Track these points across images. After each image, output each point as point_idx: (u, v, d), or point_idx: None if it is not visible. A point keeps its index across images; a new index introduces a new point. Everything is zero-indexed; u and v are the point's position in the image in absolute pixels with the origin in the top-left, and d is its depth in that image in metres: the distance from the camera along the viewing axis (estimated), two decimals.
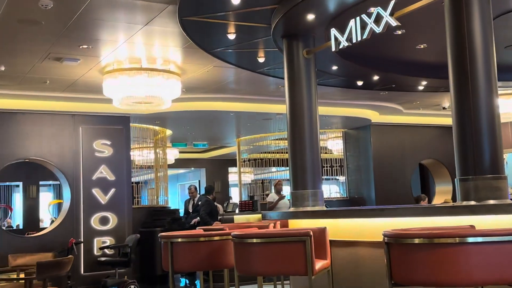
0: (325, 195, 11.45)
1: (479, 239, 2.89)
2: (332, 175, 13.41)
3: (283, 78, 6.19)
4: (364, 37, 5.00)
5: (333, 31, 5.32)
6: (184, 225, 10.58)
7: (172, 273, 4.60)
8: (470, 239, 2.88)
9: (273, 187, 10.72)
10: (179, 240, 4.59)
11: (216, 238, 4.60)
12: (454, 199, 11.45)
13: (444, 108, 11.61)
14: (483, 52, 4.10)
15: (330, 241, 4.44)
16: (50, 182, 17.03)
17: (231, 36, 6.28)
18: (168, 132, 12.14)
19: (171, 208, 11.79)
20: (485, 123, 4.03)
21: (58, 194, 16.62)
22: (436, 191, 13.35)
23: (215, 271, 5.67)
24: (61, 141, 9.46)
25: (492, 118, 4.05)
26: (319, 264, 4.01)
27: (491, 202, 3.85)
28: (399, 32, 6.37)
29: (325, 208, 5.80)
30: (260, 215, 8.02)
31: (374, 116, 11.98)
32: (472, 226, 3.46)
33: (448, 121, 9.57)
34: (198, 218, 10.04)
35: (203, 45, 6.76)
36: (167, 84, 7.76)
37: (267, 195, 15.04)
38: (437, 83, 8.77)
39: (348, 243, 4.77)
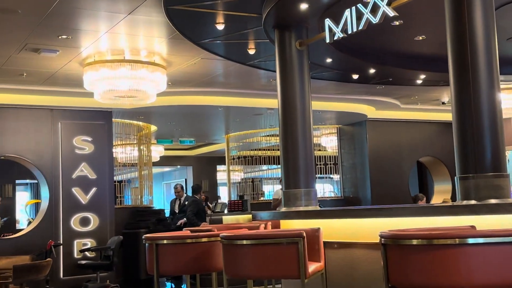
0: (319, 195, 11.48)
1: (480, 240, 2.90)
2: (326, 174, 13.46)
3: (274, 71, 6.18)
4: (360, 28, 5.01)
5: (328, 22, 5.32)
6: (170, 226, 10.57)
7: (157, 276, 4.59)
8: (471, 240, 2.90)
9: (279, 182, 10.73)
10: (165, 241, 4.59)
11: (204, 239, 4.60)
12: (453, 198, 11.53)
13: (443, 103, 11.67)
14: (484, 44, 4.12)
15: (324, 242, 4.45)
16: (27, 181, 16.91)
17: (220, 27, 6.27)
18: (153, 128, 12.11)
19: (156, 208, 11.76)
20: (486, 119, 4.06)
21: (36, 194, 16.51)
22: (434, 190, 13.43)
23: (202, 274, 5.67)
24: (38, 137, 9.40)
25: (493, 114, 4.08)
26: (312, 267, 4.02)
27: (493, 201, 3.87)
28: (397, 23, 6.38)
29: (318, 208, 5.82)
30: (250, 216, 8.03)
31: (370, 112, 12.02)
32: (473, 227, 3.48)
33: (447, 116, 9.65)
34: (185, 218, 10.03)
35: (190, 36, 6.74)
36: (152, 77, 7.73)
37: (262, 194, 15.06)
38: (436, 76, 8.82)
39: (342, 244, 4.79)
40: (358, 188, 12.58)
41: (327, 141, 13.49)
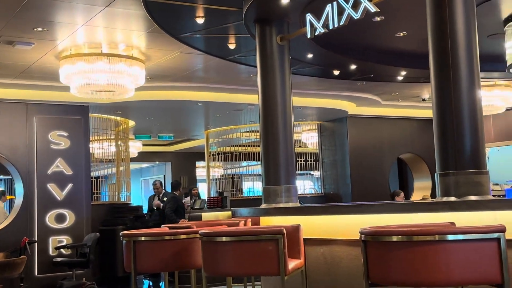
0: (299, 191, 11.51)
1: (460, 237, 2.94)
2: (306, 170, 13.50)
3: (255, 66, 6.18)
4: (342, 23, 5.03)
5: (309, 17, 5.33)
6: (148, 223, 10.53)
7: (135, 274, 4.56)
8: (450, 237, 2.93)
9: None
10: (142, 238, 4.56)
11: (183, 236, 4.58)
12: (433, 195, 11.66)
13: (424, 99, 11.78)
14: (465, 41, 4.16)
15: (304, 239, 4.47)
16: (1, 177, 16.71)
17: (200, 20, 6.24)
18: (131, 123, 12.02)
19: (134, 204, 11.69)
20: (466, 116, 4.10)
21: (10, 190, 16.31)
22: (414, 187, 13.57)
23: (181, 272, 5.66)
24: (13, 132, 9.27)
25: (474, 111, 4.12)
26: (292, 264, 4.03)
27: (472, 198, 3.92)
28: (378, 19, 6.42)
29: (299, 205, 5.84)
30: (229, 212, 8.02)
31: (351, 108, 12.09)
32: (453, 223, 3.52)
33: (428, 113, 9.76)
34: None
35: (169, 30, 6.69)
36: (130, 71, 7.67)
37: (240, 191, 15.06)
38: (417, 73, 8.89)
39: (323, 241, 4.81)
40: (339, 185, 12.65)
41: (308, 138, 13.53)
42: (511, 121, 12.24)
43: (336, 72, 8.90)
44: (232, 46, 7.29)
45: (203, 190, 16.13)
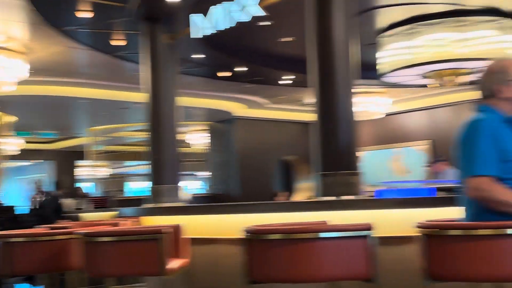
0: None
1: (333, 234, 3.07)
2: (194, 170, 13.51)
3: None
4: (229, 25, 5.09)
5: (194, 17, 5.35)
6: (26, 223, 10.05)
7: (8, 277, 4.33)
8: (323, 234, 3.06)
9: None
10: (16, 239, 4.33)
11: (60, 237, 4.41)
12: None
13: (306, 104, 12.18)
14: (343, 48, 4.37)
15: (190, 238, 4.47)
16: None
17: (86, 15, 6.06)
18: (11, 118, 11.37)
19: (6, 205, 11.05)
20: (343, 120, 4.33)
21: None
22: (298, 188, 13.98)
23: (61, 274, 5.45)
24: None
25: (349, 116, 4.36)
26: (175, 264, 4.01)
27: (347, 197, 4.14)
28: (266, 23, 6.57)
29: (183, 204, 5.83)
30: (116, 213, 7.85)
31: (240, 110, 12.25)
32: (324, 222, 3.69)
33: (311, 117, 10.11)
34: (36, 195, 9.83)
35: (54, 23, 6.44)
36: (9, 63, 7.25)
37: (121, 190, 14.77)
38: (301, 78, 9.18)
39: (208, 240, 4.84)
40: (227, 185, 12.76)
41: (196, 138, 13.55)
42: (388, 126, 13.01)
43: (225, 74, 9.00)
44: (119, 43, 7.14)
45: (88, 190, 15.62)
